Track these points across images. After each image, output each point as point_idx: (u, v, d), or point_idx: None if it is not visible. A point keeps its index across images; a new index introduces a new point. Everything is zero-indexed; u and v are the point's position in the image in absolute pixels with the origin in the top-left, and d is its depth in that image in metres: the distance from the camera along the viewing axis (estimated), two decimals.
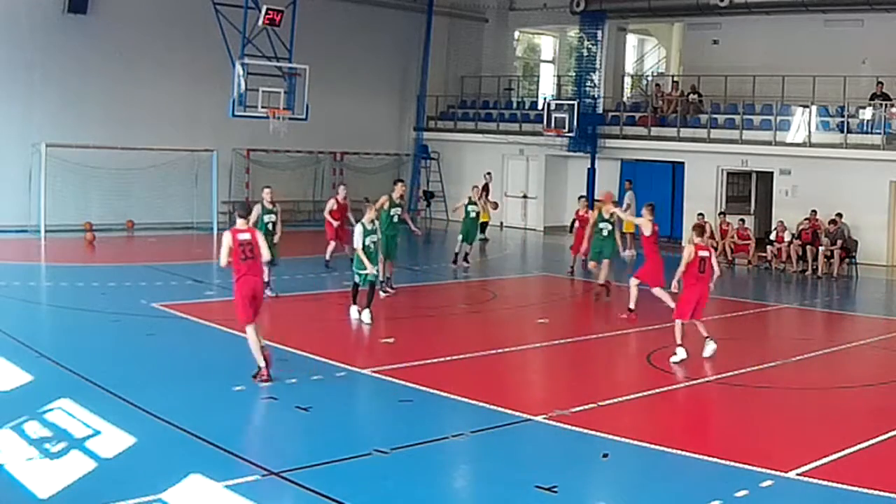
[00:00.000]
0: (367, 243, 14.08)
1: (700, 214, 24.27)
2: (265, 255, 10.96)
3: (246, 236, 10.82)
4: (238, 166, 28.20)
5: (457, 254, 20.96)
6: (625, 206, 25.70)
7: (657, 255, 15.63)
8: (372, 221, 14.36)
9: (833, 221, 22.31)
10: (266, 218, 16.27)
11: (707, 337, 12.77)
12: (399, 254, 18.28)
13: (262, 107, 23.32)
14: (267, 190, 16.85)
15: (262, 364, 10.77)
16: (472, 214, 21.07)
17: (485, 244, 25.45)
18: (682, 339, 12.56)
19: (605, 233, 17.41)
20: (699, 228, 13.31)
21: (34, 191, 23.91)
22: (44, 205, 23.38)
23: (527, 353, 13.46)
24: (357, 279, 14.43)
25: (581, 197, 23.43)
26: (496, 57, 34.52)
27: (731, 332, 15.81)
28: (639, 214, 17.38)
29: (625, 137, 28.62)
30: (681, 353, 12.49)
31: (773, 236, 23.48)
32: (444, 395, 10.55)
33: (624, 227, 26.67)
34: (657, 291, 15.34)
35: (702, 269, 12.66)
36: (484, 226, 26.19)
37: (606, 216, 17.39)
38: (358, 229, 14.19)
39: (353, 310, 14.63)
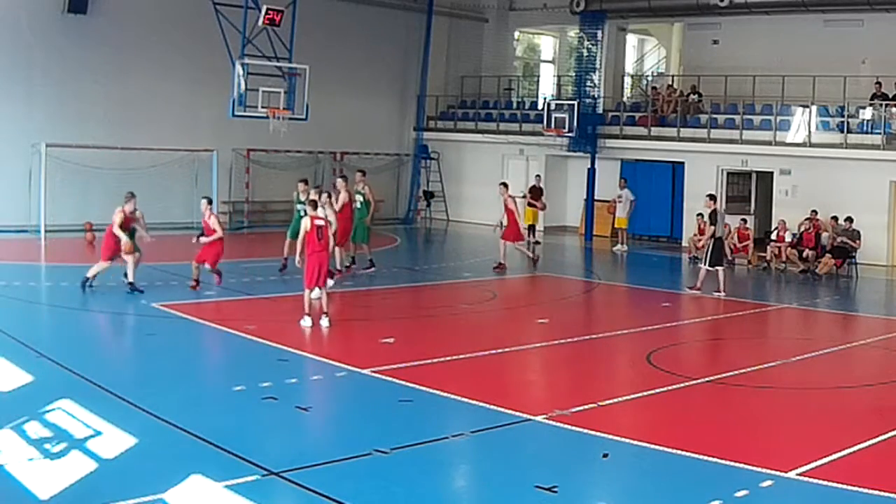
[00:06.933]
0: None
1: (699, 215, 24.35)
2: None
3: None
4: (238, 166, 28.19)
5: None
6: (626, 203, 26.13)
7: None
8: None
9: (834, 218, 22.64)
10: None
11: (325, 312, 13.89)
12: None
13: (262, 107, 23.32)
14: (302, 185, 19.20)
15: None
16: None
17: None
18: (311, 308, 13.82)
19: None
20: (313, 203, 14.42)
21: (34, 191, 23.88)
22: (44, 205, 23.33)
23: (527, 353, 13.45)
24: None
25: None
26: (496, 57, 34.48)
27: (731, 332, 15.86)
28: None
29: (625, 137, 28.61)
30: (307, 321, 13.75)
31: (774, 235, 23.50)
32: (444, 395, 10.54)
33: (617, 223, 27.06)
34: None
35: (319, 236, 13.87)
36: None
37: None
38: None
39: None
